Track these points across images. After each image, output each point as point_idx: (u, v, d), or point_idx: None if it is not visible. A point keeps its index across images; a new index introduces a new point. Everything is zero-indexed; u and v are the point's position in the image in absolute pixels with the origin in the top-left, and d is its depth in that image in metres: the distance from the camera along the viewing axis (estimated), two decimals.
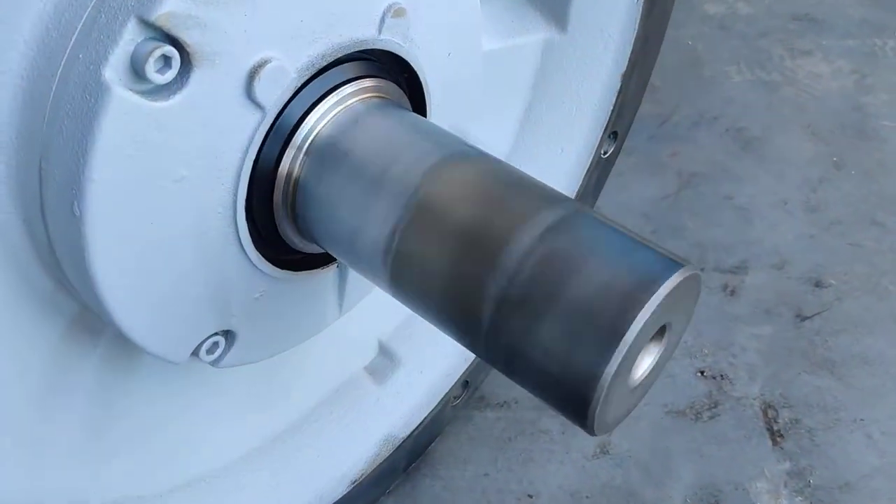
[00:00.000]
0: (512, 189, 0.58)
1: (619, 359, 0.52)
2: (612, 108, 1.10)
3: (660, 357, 0.59)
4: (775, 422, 1.17)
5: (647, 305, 0.52)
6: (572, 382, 0.53)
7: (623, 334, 0.52)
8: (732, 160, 1.59)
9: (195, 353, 0.70)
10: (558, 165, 1.06)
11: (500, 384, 1.20)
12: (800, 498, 1.08)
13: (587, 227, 0.56)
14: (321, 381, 1.00)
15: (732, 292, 1.34)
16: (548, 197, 0.59)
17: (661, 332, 0.56)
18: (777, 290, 1.36)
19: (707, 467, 1.14)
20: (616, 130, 1.14)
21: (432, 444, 1.15)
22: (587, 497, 1.11)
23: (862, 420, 1.17)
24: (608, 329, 0.52)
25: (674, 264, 0.54)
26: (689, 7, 1.95)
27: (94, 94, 0.52)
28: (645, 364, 0.58)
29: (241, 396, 0.89)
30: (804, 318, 1.31)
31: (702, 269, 1.39)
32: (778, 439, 1.15)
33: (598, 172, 1.16)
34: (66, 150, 0.54)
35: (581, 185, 1.11)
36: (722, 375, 1.24)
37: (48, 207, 0.57)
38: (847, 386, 1.21)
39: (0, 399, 0.66)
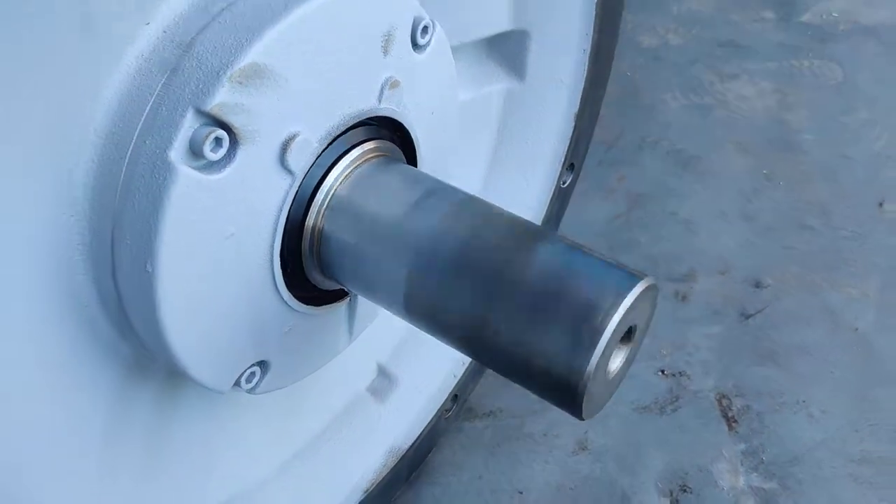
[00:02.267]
0: (505, 230, 0.71)
1: (599, 356, 0.65)
2: (568, 142, 1.24)
3: (629, 353, 0.71)
4: (729, 409, 1.30)
5: (618, 311, 0.65)
6: (564, 378, 0.66)
7: (601, 336, 0.65)
8: (674, 179, 1.72)
9: (237, 382, 0.81)
10: (524, 197, 1.18)
11: (485, 395, 1.32)
12: (755, 474, 1.21)
13: (566, 253, 0.69)
14: (330, 402, 1.10)
15: (683, 298, 1.48)
16: (530, 230, 0.72)
17: (629, 333, 0.69)
18: (723, 293, 1.50)
19: (674, 454, 1.26)
20: (573, 162, 1.27)
21: (430, 454, 1.26)
22: (571, 489, 1.23)
23: (804, 401, 1.31)
24: (590, 333, 0.65)
25: (636, 278, 0.67)
26: (624, 40, 2.10)
27: (161, 173, 0.64)
28: (618, 359, 0.71)
29: (264, 420, 1.00)
30: (748, 316, 1.45)
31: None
32: (733, 424, 1.28)
33: (560, 201, 1.29)
34: (139, 219, 0.65)
35: (546, 213, 1.24)
36: (680, 372, 1.37)
37: (119, 267, 0.68)
38: (789, 373, 1.35)
39: (76, 433, 0.76)
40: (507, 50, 1.09)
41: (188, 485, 0.89)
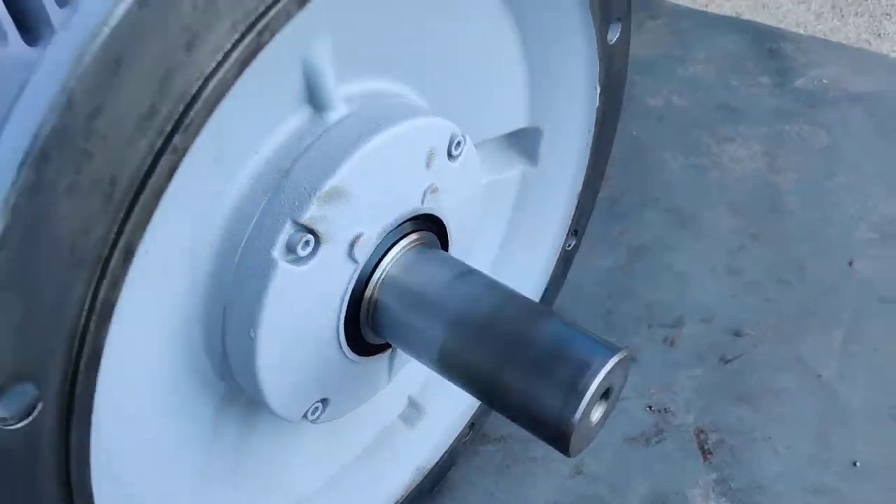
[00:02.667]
0: (518, 309, 0.94)
1: (583, 409, 0.87)
2: (573, 213, 1.46)
3: (608, 408, 0.93)
4: (706, 443, 1.51)
5: (599, 375, 0.87)
6: (556, 426, 0.88)
7: (586, 394, 0.87)
8: (672, 234, 1.92)
9: (304, 415, 1.04)
10: (534, 262, 1.40)
11: (497, 425, 1.53)
12: (724, 499, 1.43)
13: (564, 329, 0.91)
14: (369, 427, 1.33)
15: (672, 343, 1.69)
16: (538, 310, 0.95)
17: (607, 392, 0.91)
18: (707, 340, 1.69)
19: (656, 480, 1.48)
20: (577, 229, 1.50)
21: (450, 472, 1.49)
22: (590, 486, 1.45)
23: (770, 438, 1.51)
24: (577, 392, 0.87)
25: (614, 349, 0.90)
26: (634, 101, 2.33)
27: (266, 266, 0.86)
28: (598, 412, 0.93)
29: (317, 441, 1.23)
30: (727, 361, 1.65)
31: (649, 326, 1.75)
32: (708, 456, 1.49)
33: (565, 261, 1.52)
34: (247, 298, 0.87)
35: (552, 274, 1.47)
36: (665, 409, 1.58)
37: (228, 332, 0.91)
38: (760, 412, 1.55)
39: (183, 447, 0.99)
40: (523, 142, 1.31)
41: (261, 491, 1.12)
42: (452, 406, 1.41)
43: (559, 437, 0.88)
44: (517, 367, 0.90)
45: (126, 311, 0.71)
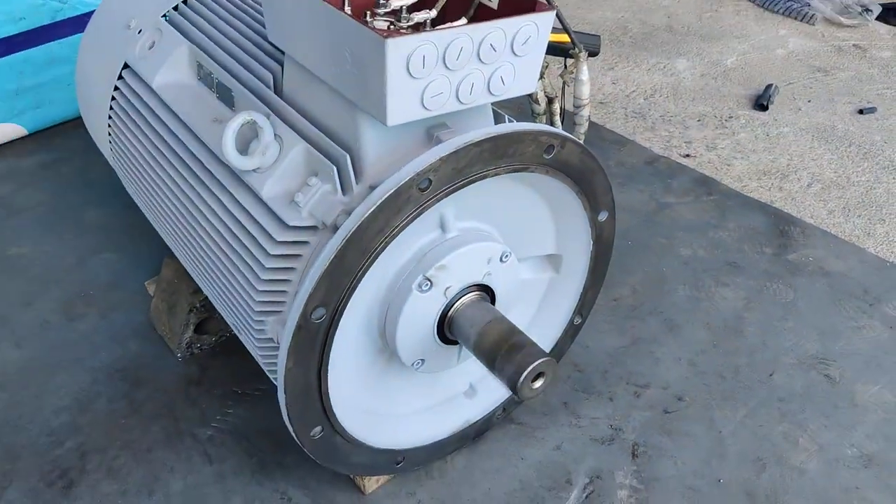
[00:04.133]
0: (511, 333, 2.09)
1: (523, 379, 2.00)
2: (578, 301, 2.58)
3: (544, 381, 2.06)
4: (636, 451, 2.55)
5: (532, 365, 2.01)
6: (513, 382, 2.01)
7: (524, 372, 2.00)
8: (661, 335, 2.86)
9: (412, 364, 2.22)
10: (551, 325, 2.54)
11: (518, 414, 2.65)
12: (635, 480, 2.47)
13: (531, 344, 2.05)
14: (446, 391, 2.49)
15: (637, 395, 2.72)
16: (519, 334, 2.09)
17: (540, 374, 2.03)
18: (659, 398, 2.67)
19: (599, 464, 2.54)
20: (581, 311, 2.62)
21: (486, 433, 2.61)
22: (562, 457, 2.54)
23: (673, 457, 2.51)
24: (522, 370, 2.01)
25: (543, 354, 2.03)
26: (671, 249, 3.40)
27: (407, 291, 2.03)
28: (537, 384, 2.05)
29: (419, 385, 2.40)
30: (667, 412, 2.69)
31: (627, 383, 2.81)
32: (635, 458, 2.53)
33: (573, 333, 2.64)
34: (397, 306, 2.07)
35: (562, 334, 2.59)
36: (620, 428, 2.64)
37: (388, 326, 2.12)
38: (673, 442, 2.57)
39: (372, 375, 2.20)
40: (551, 260, 2.46)
41: (396, 399, 2.31)
42: (493, 395, 2.55)
43: (513, 388, 2.02)
44: (504, 353, 2.05)
45: (351, 307, 1.93)
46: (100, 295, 3.10)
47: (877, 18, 5.51)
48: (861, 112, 4.44)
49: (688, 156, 4.04)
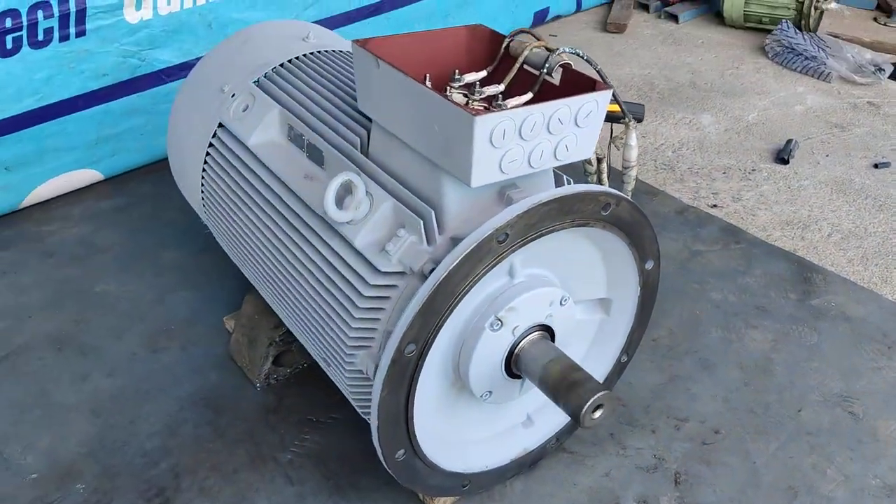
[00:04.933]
0: (574, 370, 2.33)
1: (586, 411, 2.24)
2: (626, 341, 2.82)
3: (603, 412, 2.30)
4: (679, 478, 2.78)
5: (593, 398, 2.25)
6: (574, 413, 2.25)
7: (586, 405, 2.24)
8: (696, 373, 3.10)
9: (482, 396, 2.47)
10: (601, 365, 2.78)
11: (570, 444, 2.89)
12: None
13: (591, 380, 2.29)
14: (507, 421, 2.72)
15: (677, 428, 2.95)
16: (580, 371, 2.34)
17: (599, 405, 2.27)
18: (697, 431, 2.91)
19: (645, 490, 2.77)
20: (628, 350, 2.86)
21: (540, 461, 2.84)
22: (611, 483, 2.76)
23: (713, 484, 2.73)
24: (584, 402, 2.25)
25: (605, 386, 2.27)
26: (704, 294, 3.64)
27: (480, 330, 2.29)
28: (597, 414, 2.29)
29: (486, 414, 2.64)
30: (705, 444, 2.91)
31: (668, 416, 3.03)
32: (677, 484, 2.76)
33: (620, 370, 2.87)
34: (470, 343, 2.34)
35: (611, 370, 2.83)
36: (662, 458, 2.87)
37: (461, 359, 2.37)
38: (713, 471, 2.80)
39: (447, 404, 2.44)
40: (602, 303, 2.71)
41: (464, 427, 2.55)
42: (548, 426, 2.79)
43: (576, 418, 2.26)
44: (567, 387, 2.30)
45: (435, 346, 2.19)
46: (180, 330, 3.36)
47: (889, 77, 5.79)
48: (876, 166, 4.70)
49: (715, 206, 4.30)
